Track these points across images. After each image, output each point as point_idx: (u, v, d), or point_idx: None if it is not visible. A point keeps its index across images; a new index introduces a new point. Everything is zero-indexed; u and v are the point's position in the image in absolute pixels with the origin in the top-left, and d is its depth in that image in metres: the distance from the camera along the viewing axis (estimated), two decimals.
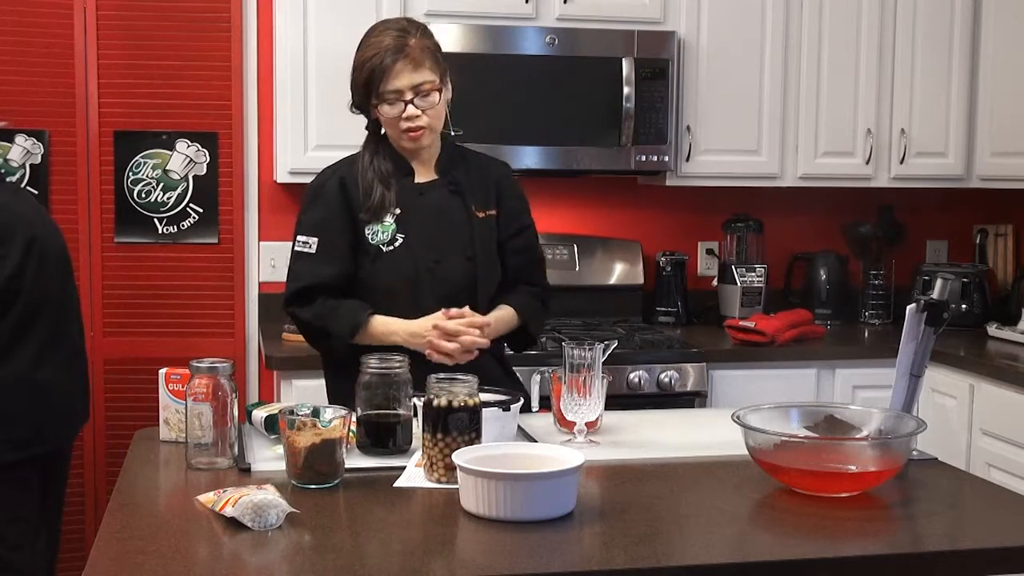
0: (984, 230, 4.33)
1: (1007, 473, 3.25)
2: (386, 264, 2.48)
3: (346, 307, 2.46)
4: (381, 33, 2.47)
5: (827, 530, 1.75)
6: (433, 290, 2.49)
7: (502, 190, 2.62)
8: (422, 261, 2.49)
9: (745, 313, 3.90)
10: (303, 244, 2.50)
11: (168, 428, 2.23)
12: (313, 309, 2.47)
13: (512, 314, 2.57)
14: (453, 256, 2.52)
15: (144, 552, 1.61)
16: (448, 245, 2.52)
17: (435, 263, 2.50)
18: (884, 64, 3.90)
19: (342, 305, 2.46)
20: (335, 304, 2.46)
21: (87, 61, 3.65)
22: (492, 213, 2.59)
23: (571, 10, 3.68)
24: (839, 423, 2.06)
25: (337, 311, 2.45)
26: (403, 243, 2.49)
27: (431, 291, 2.48)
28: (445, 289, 2.49)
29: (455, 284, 2.51)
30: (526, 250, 2.64)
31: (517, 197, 2.65)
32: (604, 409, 2.26)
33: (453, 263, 2.52)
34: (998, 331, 3.77)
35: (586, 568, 1.58)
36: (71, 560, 3.36)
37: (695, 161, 3.81)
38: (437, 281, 2.50)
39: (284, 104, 3.58)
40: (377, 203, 2.48)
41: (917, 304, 2.13)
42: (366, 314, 2.44)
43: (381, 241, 2.49)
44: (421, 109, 2.43)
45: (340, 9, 3.56)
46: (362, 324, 2.43)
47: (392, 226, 2.49)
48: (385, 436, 2.10)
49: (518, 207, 2.64)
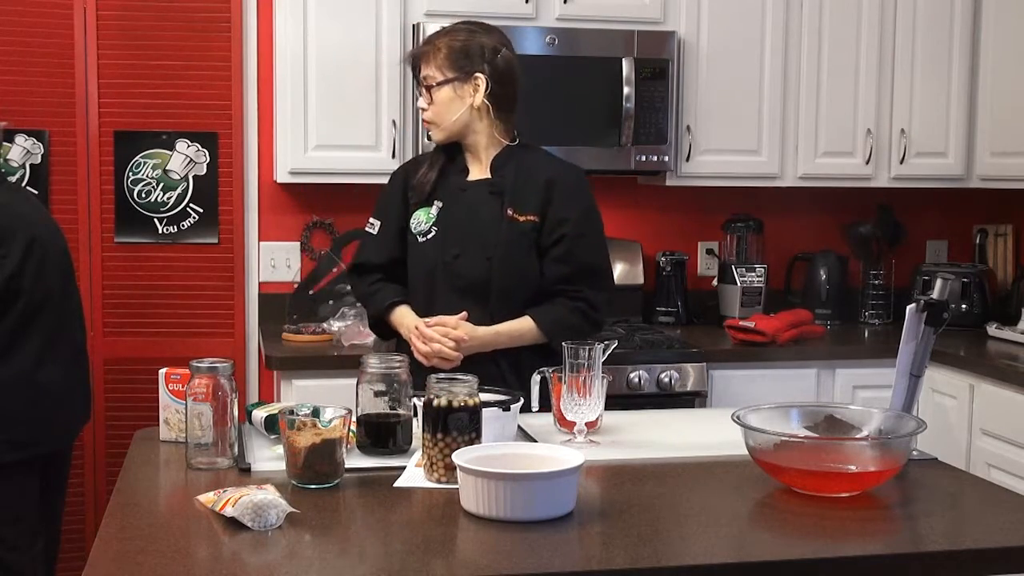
0: (984, 230, 4.33)
1: (1007, 473, 3.25)
2: (418, 253, 2.64)
3: (382, 293, 2.67)
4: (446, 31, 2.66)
5: (827, 530, 1.75)
6: (449, 284, 2.59)
7: (551, 195, 2.60)
8: (443, 254, 2.59)
9: (745, 313, 3.90)
10: (370, 225, 2.73)
11: (168, 428, 2.23)
12: (361, 286, 2.74)
13: (531, 327, 2.57)
14: (474, 254, 2.58)
15: (144, 552, 1.61)
16: (472, 242, 2.58)
17: (454, 258, 2.58)
18: (884, 64, 3.90)
19: (381, 290, 2.67)
20: (377, 287, 2.68)
21: (87, 61, 3.65)
22: (532, 218, 2.59)
23: (571, 10, 3.68)
24: (839, 423, 2.06)
25: (374, 295, 2.68)
26: (435, 235, 2.61)
27: (447, 284, 2.59)
28: (460, 284, 2.58)
29: (470, 281, 2.58)
30: (566, 260, 2.59)
31: (567, 204, 2.60)
32: (604, 409, 2.26)
33: (472, 260, 2.58)
34: (998, 331, 3.77)
35: (586, 568, 1.58)
36: (71, 560, 3.36)
37: (695, 161, 3.81)
38: (453, 275, 2.59)
39: (284, 104, 3.58)
40: (419, 182, 2.64)
41: (917, 304, 2.13)
42: (389, 305, 2.64)
43: (420, 231, 2.64)
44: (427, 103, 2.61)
45: (340, 9, 3.56)
46: (384, 314, 2.66)
47: (432, 219, 2.62)
48: (385, 436, 2.10)
49: (563, 215, 2.59)
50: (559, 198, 2.60)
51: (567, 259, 2.60)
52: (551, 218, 2.59)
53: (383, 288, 2.68)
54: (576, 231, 2.60)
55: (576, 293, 2.61)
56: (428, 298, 2.62)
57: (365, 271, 2.73)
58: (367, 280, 2.72)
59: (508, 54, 2.62)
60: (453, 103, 2.58)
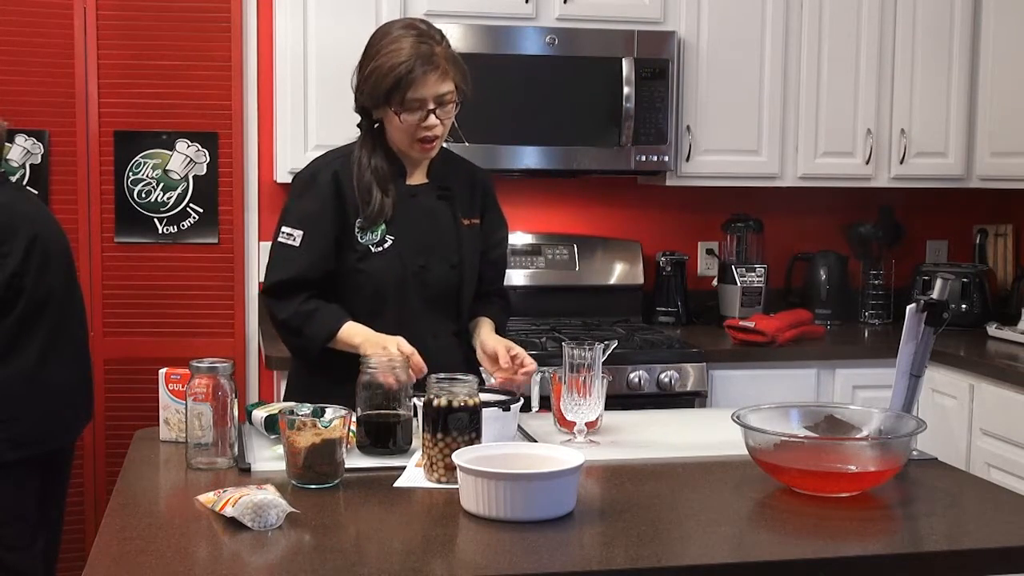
0: (984, 230, 4.33)
1: (1007, 473, 3.25)
2: (375, 265, 2.44)
3: (324, 313, 2.39)
4: (400, 38, 2.35)
5: (827, 530, 1.75)
6: (419, 294, 2.48)
7: (487, 200, 2.62)
8: (409, 265, 2.47)
9: (745, 313, 3.90)
10: (287, 236, 2.42)
11: (168, 428, 2.23)
12: (291, 307, 2.40)
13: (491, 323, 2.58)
14: (439, 262, 2.50)
15: (144, 552, 1.61)
16: (435, 250, 2.50)
17: (421, 267, 2.48)
18: (884, 64, 3.90)
19: (320, 310, 2.39)
20: (314, 307, 2.39)
21: (87, 61, 3.65)
22: (476, 222, 2.57)
23: (571, 10, 3.68)
24: (839, 423, 2.06)
25: (314, 316, 2.38)
26: (392, 245, 2.45)
27: (417, 295, 2.48)
28: (430, 294, 2.49)
29: (439, 289, 2.50)
30: (500, 262, 2.68)
31: (497, 208, 2.66)
32: (604, 409, 2.26)
33: (438, 269, 2.50)
34: (998, 331, 3.77)
35: (586, 568, 1.58)
36: (71, 560, 3.36)
37: (695, 161, 3.81)
38: (423, 286, 2.48)
39: (284, 104, 3.58)
40: (376, 211, 2.42)
41: (917, 304, 2.13)
42: (341, 324, 2.37)
43: (371, 241, 2.44)
44: (440, 119, 2.39)
45: (340, 9, 3.56)
46: (335, 333, 2.36)
47: (382, 227, 2.45)
48: (385, 436, 2.10)
49: (498, 219, 2.66)
50: (491, 202, 2.63)
51: (500, 262, 2.68)
52: (489, 220, 2.61)
53: (321, 308, 2.39)
54: (506, 232, 2.70)
55: (501, 291, 2.69)
56: (398, 312, 2.44)
57: (294, 289, 2.40)
58: (297, 299, 2.39)
59: None
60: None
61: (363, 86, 2.40)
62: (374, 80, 2.36)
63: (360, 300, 2.44)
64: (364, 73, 2.40)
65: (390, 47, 2.35)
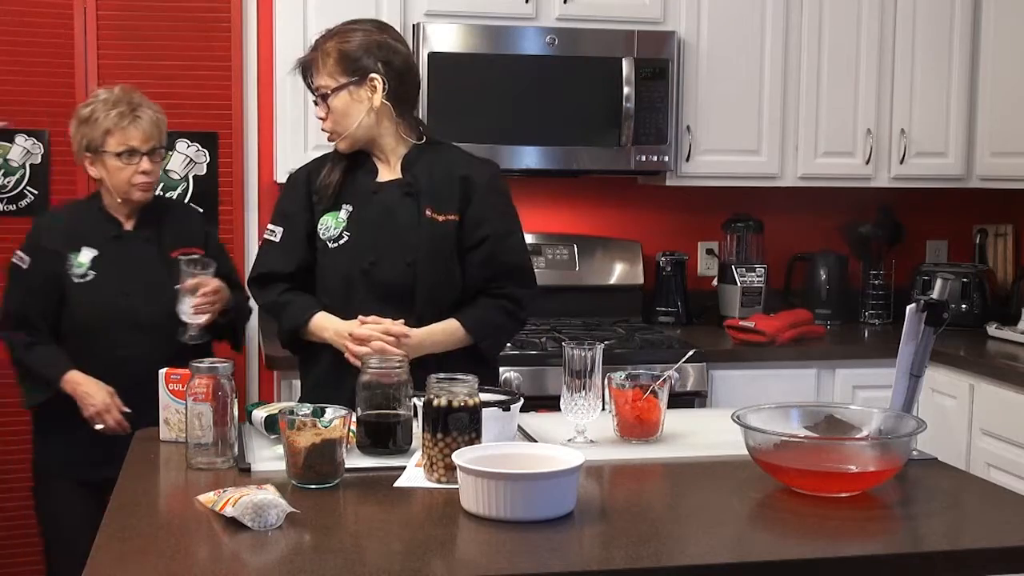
0: (984, 230, 4.33)
1: (1007, 473, 3.25)
2: (329, 260, 2.51)
3: (296, 304, 2.51)
4: None
5: (827, 530, 1.75)
6: (368, 291, 2.47)
7: (469, 194, 2.52)
8: (358, 262, 2.48)
9: (745, 313, 3.90)
10: (271, 232, 2.59)
11: (168, 428, 2.23)
12: (268, 296, 2.56)
13: (457, 328, 2.48)
14: (392, 259, 2.48)
15: (144, 552, 1.61)
16: (388, 248, 2.48)
17: (371, 264, 2.47)
18: (884, 64, 3.90)
19: (293, 302, 2.52)
20: (288, 299, 2.52)
21: (87, 61, 3.65)
22: (452, 217, 2.50)
23: (571, 10, 3.68)
24: (839, 423, 2.06)
25: (287, 307, 2.52)
26: (347, 242, 2.50)
27: (366, 292, 2.47)
28: (380, 291, 2.48)
29: (391, 287, 2.47)
30: (488, 263, 2.51)
31: (486, 203, 2.53)
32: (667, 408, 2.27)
33: (390, 266, 2.48)
34: (998, 331, 3.77)
35: (586, 568, 1.58)
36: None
37: (695, 161, 3.81)
38: (371, 283, 2.48)
39: (284, 104, 3.58)
40: (322, 185, 2.53)
41: (917, 304, 2.13)
42: (308, 315, 2.49)
43: (329, 237, 2.51)
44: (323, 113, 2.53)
45: (340, 9, 3.53)
46: (303, 326, 2.50)
47: (343, 223, 2.51)
48: (385, 436, 2.10)
49: (482, 215, 2.52)
50: (477, 197, 2.51)
51: (489, 261, 2.51)
52: (470, 217, 2.50)
53: (296, 298, 2.51)
54: (496, 231, 2.52)
55: (499, 290, 2.52)
56: (345, 308, 2.46)
57: (270, 281, 2.55)
58: (274, 291, 2.54)
59: (403, 49, 2.52)
60: (352, 109, 2.47)
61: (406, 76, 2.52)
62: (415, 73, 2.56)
63: (322, 293, 2.53)
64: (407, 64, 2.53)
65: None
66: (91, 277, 2.81)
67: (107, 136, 2.81)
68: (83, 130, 2.83)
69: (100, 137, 2.81)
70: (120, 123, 2.81)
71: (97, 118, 2.81)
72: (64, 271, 2.81)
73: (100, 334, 2.80)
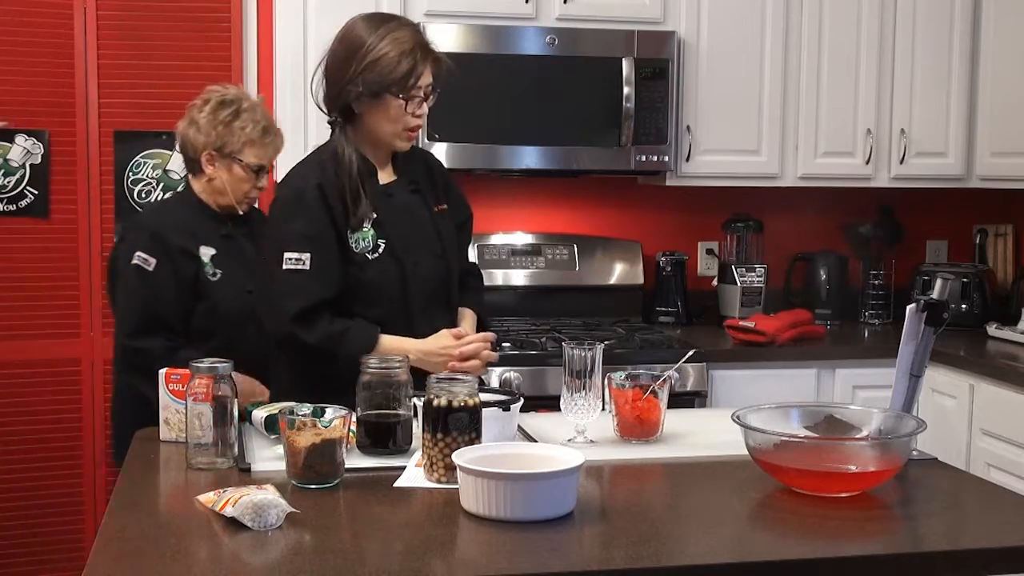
0: (984, 230, 4.33)
1: (1007, 473, 3.25)
2: (375, 271, 2.44)
3: (355, 329, 2.38)
4: (398, 28, 2.42)
5: (827, 530, 1.75)
6: (418, 292, 2.49)
7: (447, 183, 2.65)
8: (405, 264, 2.47)
9: (745, 313, 3.90)
10: (295, 261, 2.37)
11: (168, 428, 2.23)
12: (319, 331, 2.35)
13: (474, 316, 2.63)
14: (426, 256, 2.52)
15: (144, 552, 1.61)
16: (420, 245, 2.52)
17: (415, 265, 2.49)
18: (884, 64, 3.91)
19: (351, 327, 2.38)
20: (343, 327, 2.37)
21: (87, 61, 3.65)
22: (444, 207, 2.61)
23: (571, 10, 3.68)
24: (839, 423, 2.06)
25: (347, 334, 2.36)
26: (385, 249, 2.45)
27: (417, 293, 2.49)
28: (427, 290, 2.51)
29: (433, 283, 2.52)
30: (468, 242, 2.72)
31: (456, 189, 2.68)
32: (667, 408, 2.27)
33: (428, 263, 2.52)
34: (998, 331, 3.77)
35: (586, 568, 1.58)
36: (71, 560, 3.36)
37: (695, 161, 3.81)
38: (420, 282, 2.49)
39: (284, 104, 3.58)
40: (364, 213, 2.43)
41: (917, 304, 2.13)
42: (376, 335, 2.38)
43: (365, 249, 2.43)
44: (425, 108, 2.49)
45: (340, 9, 3.53)
46: (375, 346, 2.36)
47: (371, 232, 2.44)
48: (385, 436, 2.10)
49: (457, 199, 2.67)
50: (445, 181, 2.65)
51: (468, 241, 2.71)
52: (453, 204, 2.64)
53: (351, 325, 2.38)
54: (469, 212, 2.71)
55: (473, 269, 2.72)
56: (405, 313, 2.45)
57: (318, 312, 2.36)
58: (322, 322, 2.36)
59: None
60: None
61: (362, 75, 2.38)
62: (380, 68, 2.37)
63: (365, 308, 2.43)
64: (362, 64, 2.38)
65: (393, 35, 2.39)
66: (220, 275, 2.75)
67: (247, 147, 2.76)
68: (221, 130, 2.77)
69: (239, 145, 2.76)
70: (264, 138, 2.78)
71: (245, 126, 2.76)
72: (200, 269, 2.74)
73: (239, 331, 2.69)
